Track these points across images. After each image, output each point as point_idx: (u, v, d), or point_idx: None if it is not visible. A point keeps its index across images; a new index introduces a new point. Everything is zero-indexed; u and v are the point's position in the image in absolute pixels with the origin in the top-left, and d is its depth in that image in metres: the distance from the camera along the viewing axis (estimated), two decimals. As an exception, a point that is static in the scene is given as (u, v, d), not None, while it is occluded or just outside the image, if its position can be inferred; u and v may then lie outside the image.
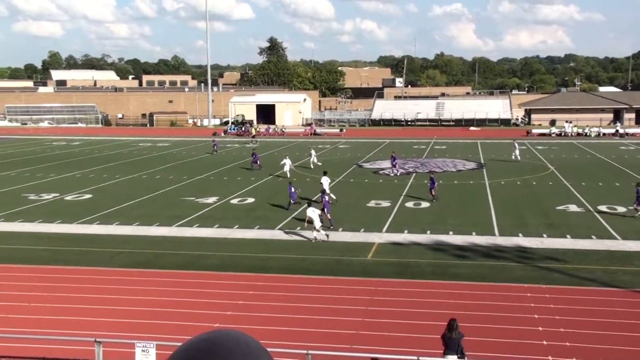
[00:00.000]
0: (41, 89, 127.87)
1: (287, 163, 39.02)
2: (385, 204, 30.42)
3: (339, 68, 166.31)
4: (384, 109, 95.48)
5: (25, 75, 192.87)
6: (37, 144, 64.21)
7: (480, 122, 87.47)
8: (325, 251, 21.98)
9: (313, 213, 23.06)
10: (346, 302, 16.71)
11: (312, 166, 43.01)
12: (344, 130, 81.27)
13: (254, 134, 68.37)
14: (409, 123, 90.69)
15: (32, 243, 23.36)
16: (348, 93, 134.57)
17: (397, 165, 40.66)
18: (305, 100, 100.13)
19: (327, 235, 23.35)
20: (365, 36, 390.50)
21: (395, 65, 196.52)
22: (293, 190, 29.03)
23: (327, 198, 26.32)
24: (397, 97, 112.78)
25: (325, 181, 31.28)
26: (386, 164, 46.26)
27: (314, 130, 78.48)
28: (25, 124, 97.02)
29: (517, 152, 46.42)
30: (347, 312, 16.00)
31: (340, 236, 24.05)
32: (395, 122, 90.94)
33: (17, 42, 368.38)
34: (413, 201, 31.04)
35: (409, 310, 16.11)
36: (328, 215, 25.09)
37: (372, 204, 30.44)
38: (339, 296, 17.21)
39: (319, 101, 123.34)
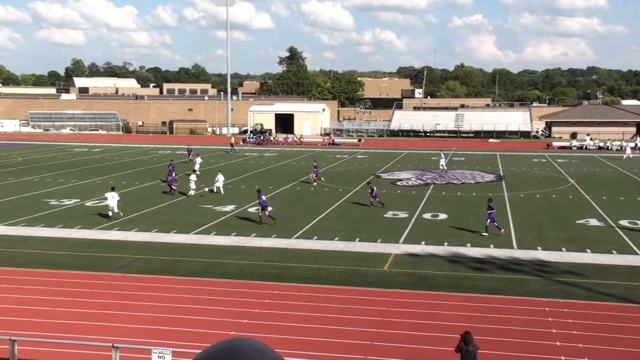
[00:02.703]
0: (64, 96, 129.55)
1: (220, 179, 37.18)
2: (402, 214, 30.34)
3: (358, 78, 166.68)
4: (402, 119, 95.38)
5: (49, 82, 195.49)
6: (59, 150, 64.99)
7: (499, 134, 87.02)
8: (342, 261, 21.97)
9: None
10: (362, 313, 16.67)
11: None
12: (362, 140, 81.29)
13: (232, 142, 67.82)
14: (428, 134, 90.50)
15: (52, 248, 23.61)
16: (367, 103, 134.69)
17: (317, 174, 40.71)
18: (324, 110, 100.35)
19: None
20: (385, 47, 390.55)
21: (414, 76, 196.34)
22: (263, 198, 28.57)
23: (263, 197, 28.34)
24: (416, 108, 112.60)
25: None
26: (405, 174, 46.20)
27: (332, 140, 78.57)
28: (48, 130, 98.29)
29: (443, 161, 48.50)
30: (362, 322, 15.96)
31: (357, 246, 24.03)
32: (414, 133, 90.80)
33: (40, 49, 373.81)
34: (431, 212, 30.93)
35: (424, 322, 16.03)
36: (267, 212, 27.67)
37: (389, 214, 30.37)
38: (355, 306, 17.18)
39: (338, 111, 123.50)
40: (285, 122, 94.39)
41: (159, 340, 13.85)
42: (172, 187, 35.80)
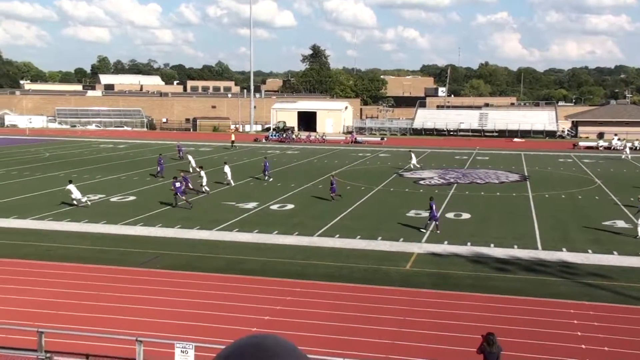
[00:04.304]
0: (90, 93, 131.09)
1: (227, 170, 38.98)
2: (425, 214, 30.12)
3: (381, 76, 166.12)
4: (425, 118, 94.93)
5: (75, 79, 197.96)
6: (85, 146, 65.80)
7: (524, 134, 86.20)
8: (364, 260, 21.94)
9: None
10: (383, 312, 16.63)
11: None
12: (385, 138, 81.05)
13: (233, 139, 68.15)
14: (451, 133, 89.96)
15: (78, 242, 23.92)
16: (390, 102, 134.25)
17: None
18: (346, 108, 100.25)
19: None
20: (408, 45, 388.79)
21: (438, 74, 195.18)
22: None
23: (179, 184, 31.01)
24: (439, 107, 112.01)
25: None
26: (427, 173, 45.98)
27: (355, 138, 78.46)
28: (74, 126, 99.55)
29: (414, 161, 48.60)
30: (384, 321, 15.93)
31: (379, 245, 23.97)
32: (437, 132, 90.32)
33: (67, 46, 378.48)
34: (454, 212, 30.74)
35: (446, 322, 15.95)
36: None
37: (411, 213, 30.25)
38: (376, 305, 17.14)
39: (360, 109, 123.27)
40: (307, 120, 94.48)
41: (182, 335, 13.96)
42: (181, 196, 31.56)
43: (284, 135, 79.79)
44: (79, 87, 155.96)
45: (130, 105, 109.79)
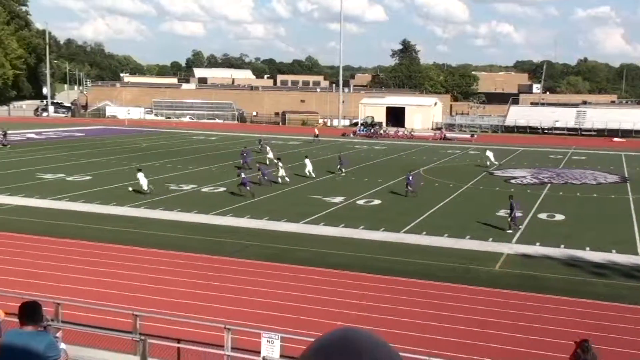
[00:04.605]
0: (184, 86, 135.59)
1: (308, 164, 39.33)
2: (517, 213, 29.27)
3: (473, 72, 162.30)
4: (518, 115, 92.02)
5: (171, 72, 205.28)
6: (178, 137, 68.15)
7: (626, 133, 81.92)
8: (452, 258, 21.55)
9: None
10: (470, 312, 16.28)
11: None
12: (475, 135, 79.25)
13: (316, 133, 68.29)
14: (545, 131, 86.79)
15: (171, 230, 24.81)
16: (481, 98, 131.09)
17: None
18: (436, 104, 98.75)
19: None
20: (501, 40, 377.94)
21: (533, 70, 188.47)
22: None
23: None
24: (533, 104, 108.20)
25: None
26: (519, 172, 44.60)
27: (444, 135, 77.19)
28: (169, 118, 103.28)
29: (492, 157, 47.45)
30: (470, 321, 15.59)
31: (467, 244, 23.49)
32: (531, 130, 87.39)
33: (164, 41, 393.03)
34: (546, 213, 29.67)
35: (535, 325, 15.41)
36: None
37: (502, 213, 29.41)
38: (463, 305, 16.80)
39: (450, 105, 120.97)
40: (396, 116, 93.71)
41: (268, 325, 14.20)
42: (245, 186, 32.21)
43: (372, 131, 79.55)
44: (174, 80, 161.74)
45: (222, 98, 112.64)
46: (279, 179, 36.25)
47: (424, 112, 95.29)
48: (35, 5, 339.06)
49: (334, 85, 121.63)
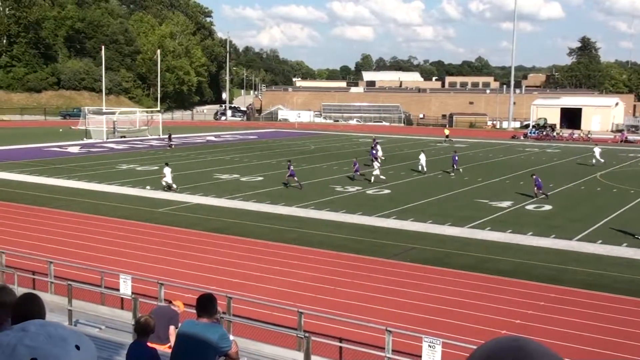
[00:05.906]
0: (353, 89, 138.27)
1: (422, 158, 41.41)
2: None
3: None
4: None
5: (340, 76, 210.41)
6: (345, 140, 69.65)
7: None
8: (630, 269, 19.96)
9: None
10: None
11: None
12: (663, 138, 72.43)
13: (447, 134, 67.72)
14: None
15: (335, 231, 25.45)
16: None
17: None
18: (617, 104, 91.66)
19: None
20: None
21: None
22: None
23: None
24: None
25: None
26: None
27: (626, 137, 71.46)
28: (337, 120, 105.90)
29: (598, 155, 46.00)
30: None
31: (649, 256, 21.60)
32: None
33: (334, 45, 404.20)
34: None
35: None
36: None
37: (692, 223, 26.66)
38: (635, 319, 15.51)
39: (634, 106, 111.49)
40: (571, 117, 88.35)
41: (428, 330, 14.10)
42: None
43: (544, 133, 75.72)
44: (343, 84, 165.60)
45: (389, 101, 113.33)
46: (372, 177, 37.43)
47: (603, 113, 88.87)
48: (218, 16, 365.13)
49: (504, 86, 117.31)
